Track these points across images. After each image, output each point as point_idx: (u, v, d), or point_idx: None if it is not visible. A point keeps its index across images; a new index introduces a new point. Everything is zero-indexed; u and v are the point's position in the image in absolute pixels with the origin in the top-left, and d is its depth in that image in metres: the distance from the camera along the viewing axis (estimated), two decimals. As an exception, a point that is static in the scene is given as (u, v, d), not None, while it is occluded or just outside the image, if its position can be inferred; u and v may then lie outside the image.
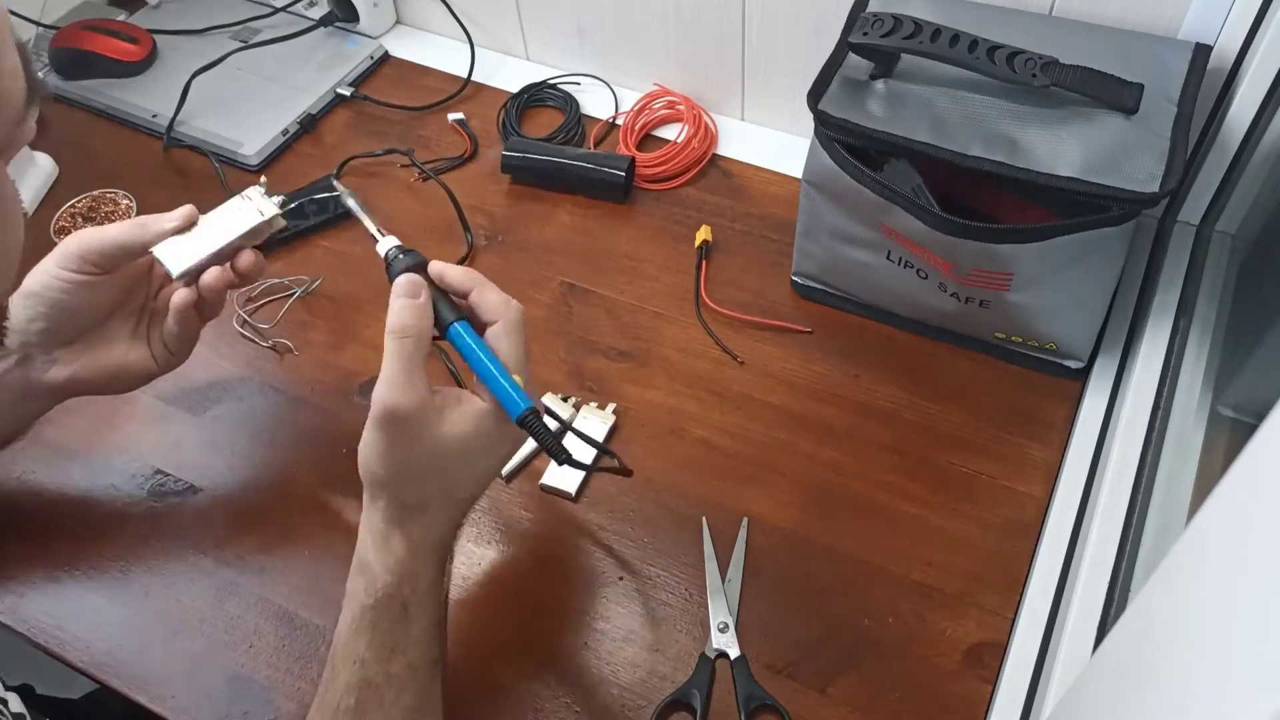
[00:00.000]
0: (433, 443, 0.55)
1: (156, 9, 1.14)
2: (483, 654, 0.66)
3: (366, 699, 0.54)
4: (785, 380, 0.79)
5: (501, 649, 0.66)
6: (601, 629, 0.67)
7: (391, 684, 0.55)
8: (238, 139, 0.98)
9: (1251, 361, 0.68)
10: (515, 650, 0.66)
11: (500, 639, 0.67)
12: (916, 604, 0.67)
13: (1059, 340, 0.74)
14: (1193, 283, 0.78)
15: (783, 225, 0.88)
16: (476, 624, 0.68)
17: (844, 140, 0.71)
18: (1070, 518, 0.69)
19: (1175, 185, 0.64)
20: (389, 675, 0.55)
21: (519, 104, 1.01)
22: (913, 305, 0.78)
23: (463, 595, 0.69)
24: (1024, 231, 0.67)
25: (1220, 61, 0.73)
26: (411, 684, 0.56)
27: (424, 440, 0.55)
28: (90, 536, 0.73)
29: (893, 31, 0.69)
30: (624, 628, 0.67)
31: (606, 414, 0.77)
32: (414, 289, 0.56)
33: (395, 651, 0.55)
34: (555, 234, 0.91)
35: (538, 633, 0.67)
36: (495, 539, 0.72)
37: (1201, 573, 0.32)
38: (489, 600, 0.69)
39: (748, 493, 0.73)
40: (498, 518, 0.73)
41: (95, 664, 0.67)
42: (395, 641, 0.55)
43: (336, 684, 0.55)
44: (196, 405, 0.80)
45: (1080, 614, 0.62)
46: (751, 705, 0.63)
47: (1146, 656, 0.36)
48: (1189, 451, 0.68)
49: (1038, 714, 0.60)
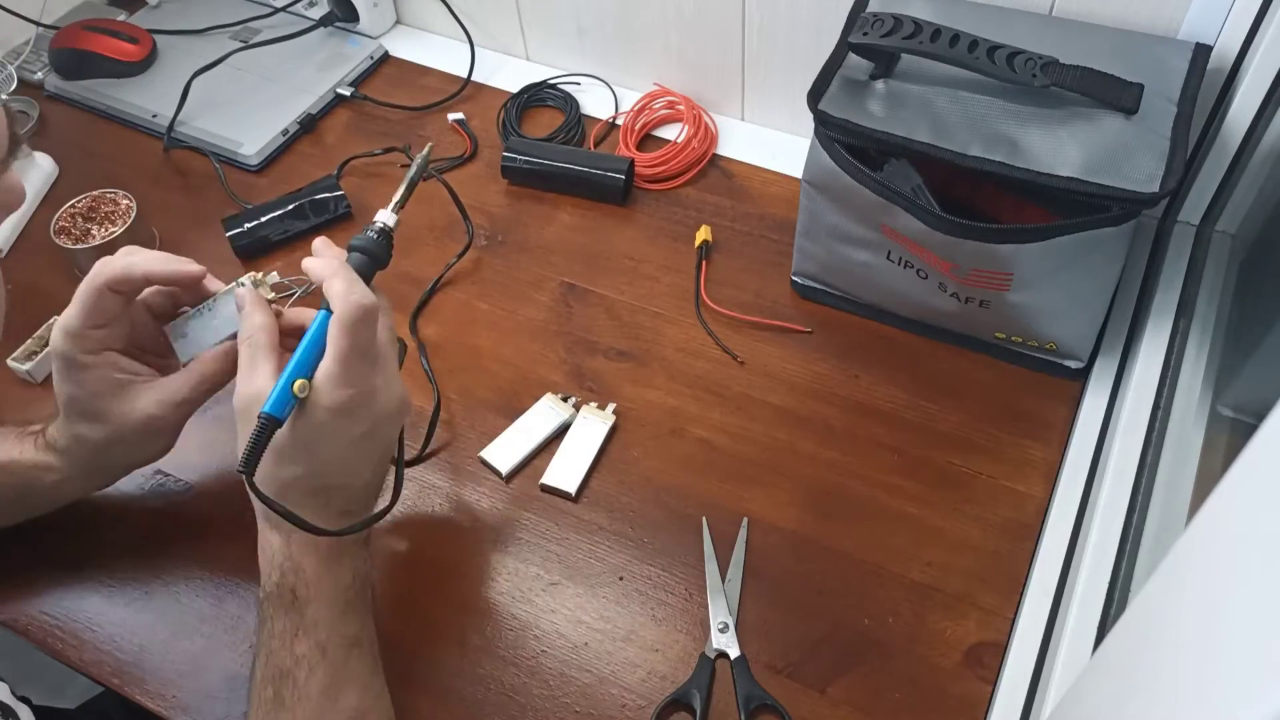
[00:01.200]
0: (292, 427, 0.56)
1: (156, 9, 1.14)
2: (482, 654, 0.66)
3: (280, 685, 0.56)
4: (785, 380, 0.79)
5: (501, 649, 0.66)
6: (601, 629, 0.67)
7: (300, 665, 0.56)
8: (238, 139, 0.99)
9: (1251, 361, 0.68)
10: (515, 650, 0.66)
11: (500, 639, 0.67)
12: (916, 604, 0.67)
13: (1059, 340, 0.74)
14: (1193, 283, 0.78)
15: (783, 225, 0.88)
16: (476, 624, 0.68)
17: (844, 140, 0.71)
18: (1070, 518, 0.69)
19: (1175, 185, 0.64)
20: (296, 658, 0.56)
21: (519, 104, 1.01)
22: (913, 305, 0.78)
23: (462, 595, 0.69)
24: (1024, 231, 0.67)
25: (1220, 61, 0.73)
26: (322, 662, 0.57)
27: None
28: (90, 537, 0.73)
29: (893, 31, 0.69)
30: (624, 628, 0.67)
31: (606, 414, 0.77)
32: None
33: (299, 636, 0.57)
34: (555, 234, 0.91)
35: (537, 633, 0.67)
36: (495, 539, 0.72)
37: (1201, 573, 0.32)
38: (489, 600, 0.69)
39: (748, 493, 0.73)
40: (498, 518, 0.73)
41: (95, 664, 0.67)
42: (296, 626, 0.57)
43: (255, 680, 0.57)
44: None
45: (1080, 614, 0.62)
46: (751, 705, 0.63)
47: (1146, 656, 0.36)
48: (1189, 451, 0.68)
49: (1038, 714, 0.60)
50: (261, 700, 0.56)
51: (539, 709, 0.64)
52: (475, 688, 0.65)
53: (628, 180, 0.92)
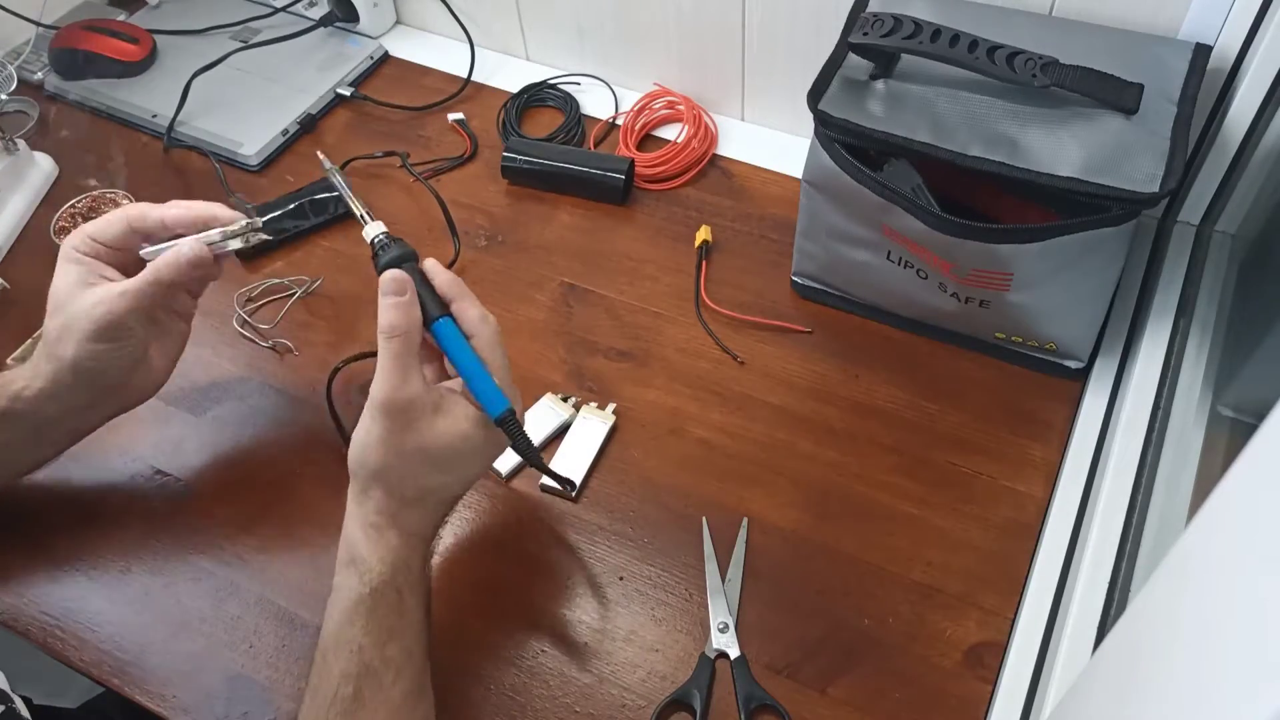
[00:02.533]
0: (430, 435, 0.57)
1: (156, 9, 1.14)
2: (482, 654, 0.66)
3: (365, 684, 0.55)
4: (785, 380, 0.79)
5: (501, 649, 0.66)
6: (601, 629, 0.67)
7: (389, 668, 0.56)
8: (238, 139, 0.99)
9: (1251, 361, 0.68)
10: (515, 650, 0.66)
11: (500, 639, 0.67)
12: (916, 604, 0.67)
13: (1059, 340, 0.74)
14: (1193, 283, 0.78)
15: (783, 225, 0.88)
16: (476, 624, 0.68)
17: (844, 140, 0.71)
18: (1070, 518, 0.69)
19: (1175, 185, 0.64)
20: (386, 659, 0.56)
21: (519, 104, 1.01)
22: (913, 305, 0.78)
23: (462, 595, 0.69)
24: (1024, 232, 0.67)
25: (1220, 61, 0.73)
26: (408, 667, 0.57)
27: (420, 432, 0.57)
28: (90, 536, 0.73)
29: (893, 31, 0.69)
30: (624, 628, 0.67)
31: (606, 414, 0.77)
32: (400, 286, 0.59)
33: (392, 636, 0.56)
34: (555, 234, 0.91)
35: (537, 633, 0.67)
36: (495, 539, 0.72)
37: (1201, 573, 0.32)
38: (488, 600, 0.69)
39: (748, 493, 0.73)
40: (498, 518, 0.73)
41: (95, 664, 0.67)
42: (391, 626, 0.56)
43: (331, 674, 0.55)
44: (196, 405, 0.80)
45: (1080, 614, 0.62)
46: (751, 705, 0.63)
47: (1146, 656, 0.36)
48: (1189, 451, 0.68)
49: (1038, 714, 0.60)
50: (337, 696, 0.55)
51: (539, 709, 0.64)
52: (475, 688, 0.65)
53: (628, 180, 0.92)
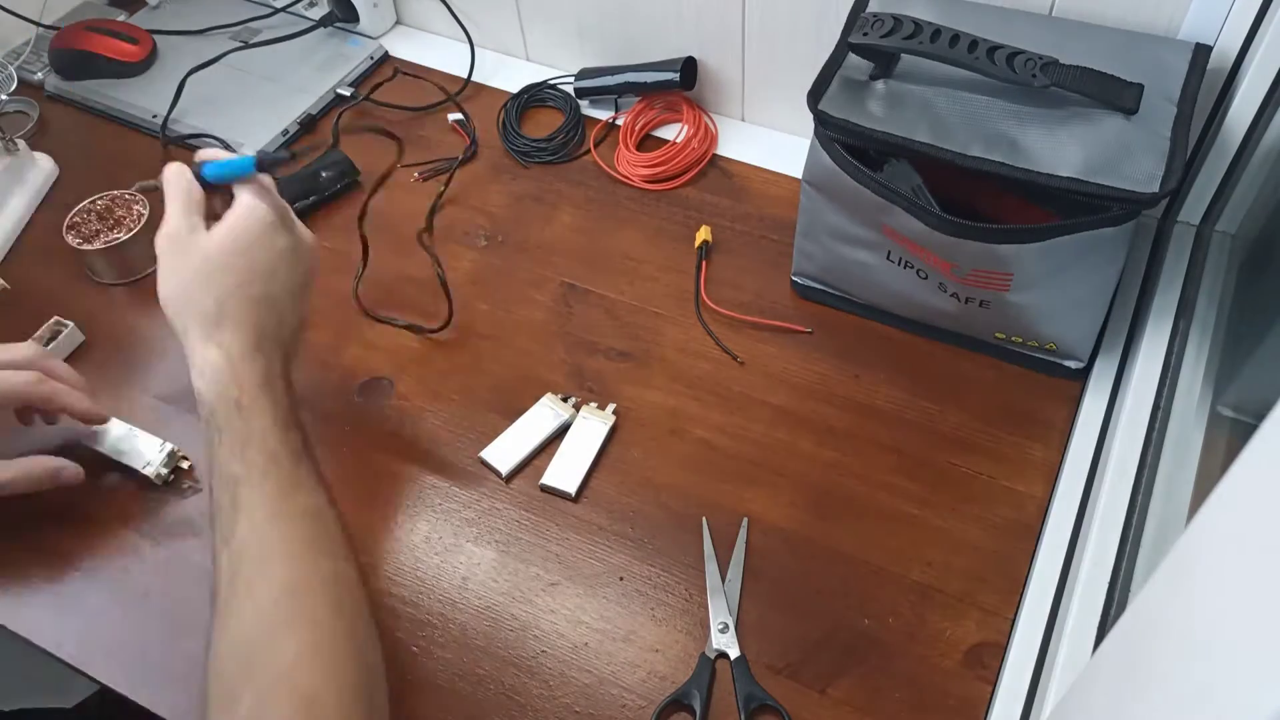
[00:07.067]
0: (206, 245, 0.63)
1: (156, 9, 1.14)
2: (481, 654, 0.66)
3: (236, 491, 0.58)
4: (785, 380, 0.79)
5: (501, 649, 0.66)
6: (601, 629, 0.67)
7: (253, 471, 0.58)
8: (238, 139, 0.98)
9: (1251, 361, 0.68)
10: (515, 650, 0.66)
11: (500, 639, 0.67)
12: (916, 604, 0.67)
13: (1059, 340, 0.74)
14: (1193, 283, 0.78)
15: (783, 225, 0.88)
16: (476, 624, 0.68)
17: (844, 140, 0.71)
18: (1070, 518, 0.69)
19: (1175, 185, 0.64)
20: (248, 464, 0.58)
21: (519, 104, 1.01)
22: (913, 305, 0.78)
23: (462, 595, 0.69)
24: (1024, 232, 0.67)
25: (1220, 61, 0.73)
26: (274, 467, 0.59)
27: (197, 248, 0.63)
28: (90, 536, 0.73)
29: (893, 31, 0.69)
30: (624, 628, 0.67)
31: (607, 414, 0.77)
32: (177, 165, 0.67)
33: (246, 445, 0.59)
34: (555, 234, 0.91)
35: (537, 633, 0.67)
36: (495, 539, 0.72)
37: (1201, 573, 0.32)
38: (488, 600, 0.69)
39: (748, 493, 0.73)
40: (497, 517, 0.73)
41: (95, 664, 0.67)
42: (243, 436, 0.59)
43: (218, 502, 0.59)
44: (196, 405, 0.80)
45: (1080, 614, 0.62)
46: (751, 705, 0.63)
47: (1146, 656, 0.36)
48: (1189, 451, 0.68)
49: (1038, 714, 0.60)
50: (221, 508, 0.58)
51: (539, 709, 0.64)
52: (475, 688, 0.65)
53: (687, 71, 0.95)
